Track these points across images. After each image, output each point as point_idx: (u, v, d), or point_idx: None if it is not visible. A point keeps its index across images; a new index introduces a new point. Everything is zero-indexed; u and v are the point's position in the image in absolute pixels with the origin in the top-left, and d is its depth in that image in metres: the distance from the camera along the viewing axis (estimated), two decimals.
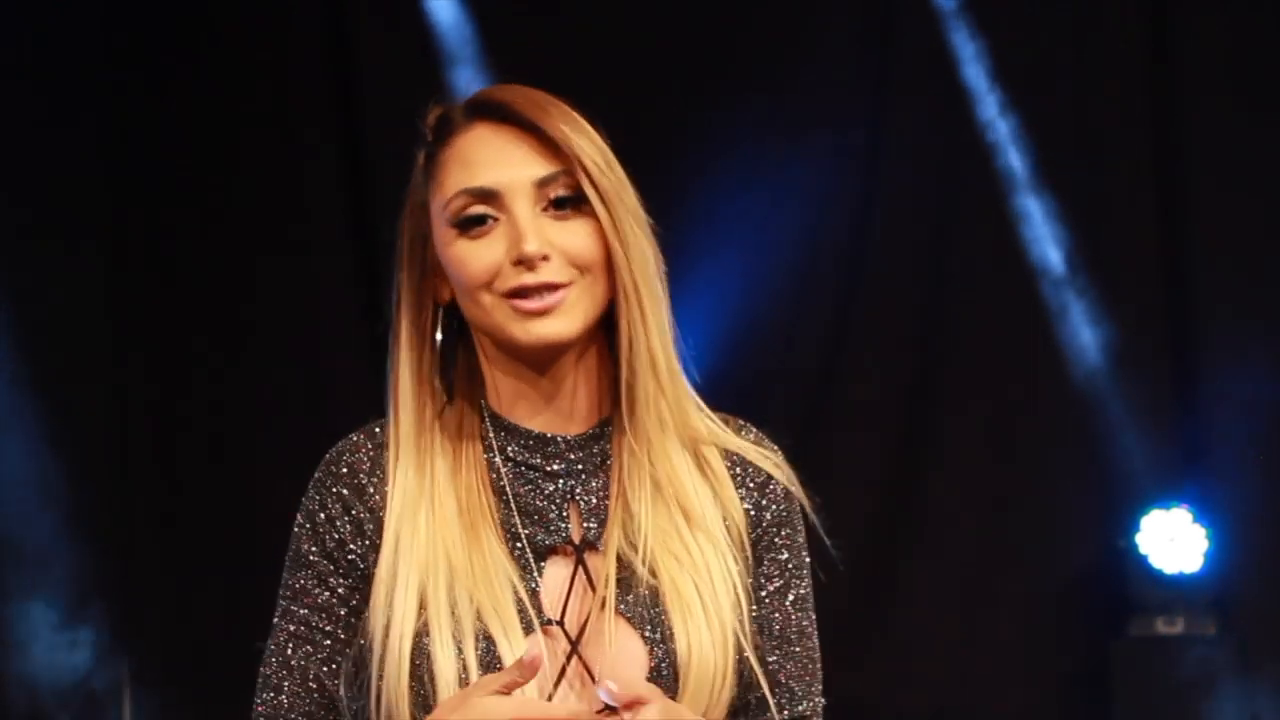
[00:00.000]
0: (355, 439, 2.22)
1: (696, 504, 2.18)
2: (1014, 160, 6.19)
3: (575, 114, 2.18)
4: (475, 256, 2.14)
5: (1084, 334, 6.15)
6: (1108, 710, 5.95)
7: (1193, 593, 5.95)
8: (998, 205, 6.18)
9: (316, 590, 2.18)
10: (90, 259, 6.12)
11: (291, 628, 2.18)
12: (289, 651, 2.18)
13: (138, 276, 6.16)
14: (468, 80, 6.04)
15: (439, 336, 2.21)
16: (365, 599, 2.16)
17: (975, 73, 6.19)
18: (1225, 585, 5.99)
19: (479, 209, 2.15)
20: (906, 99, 6.26)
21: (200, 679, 5.91)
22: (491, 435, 2.20)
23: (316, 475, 2.21)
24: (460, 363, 2.23)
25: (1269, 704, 5.92)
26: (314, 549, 2.18)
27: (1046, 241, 6.18)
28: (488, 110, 2.18)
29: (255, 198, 6.17)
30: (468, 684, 2.08)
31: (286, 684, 2.18)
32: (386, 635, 2.12)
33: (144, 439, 6.16)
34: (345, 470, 2.20)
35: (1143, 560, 5.94)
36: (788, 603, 2.23)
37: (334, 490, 2.19)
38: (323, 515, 2.19)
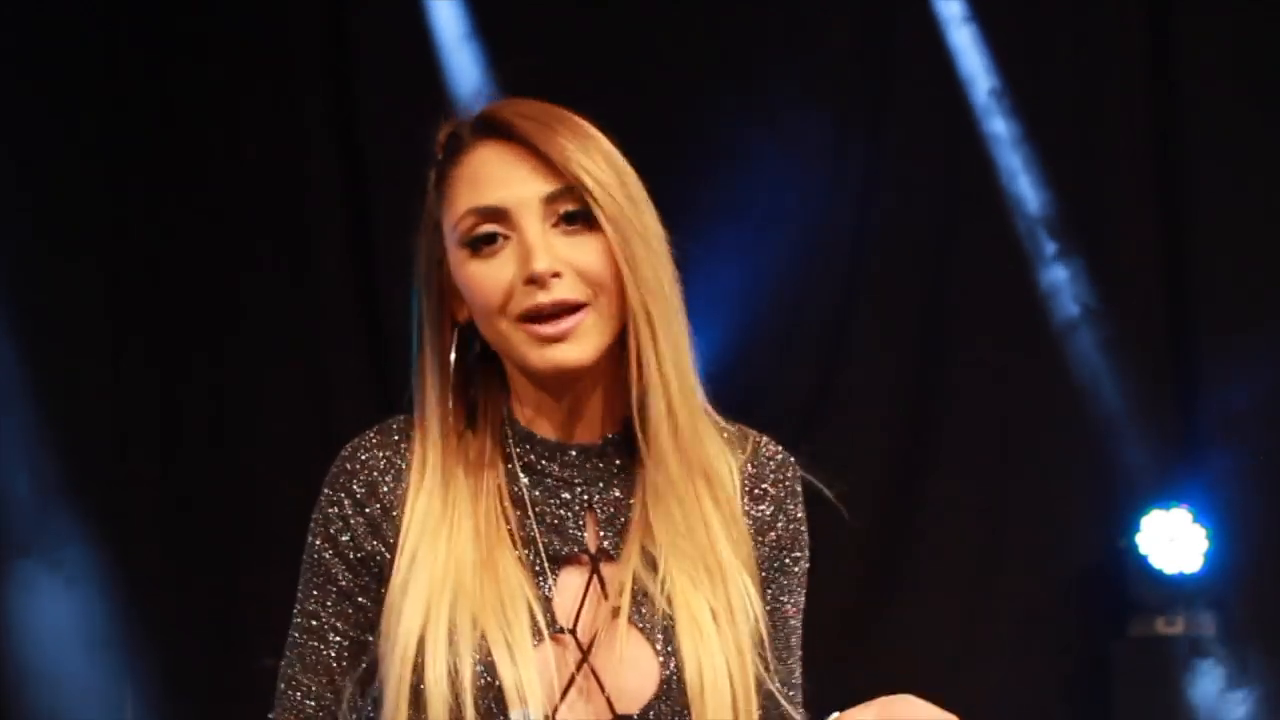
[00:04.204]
0: (371, 436, 2.20)
1: (706, 529, 2.15)
2: (1014, 160, 6.19)
3: (587, 129, 2.14)
4: (487, 277, 2.11)
5: (1084, 334, 6.15)
6: (1108, 710, 5.95)
7: (1193, 593, 5.95)
8: (998, 205, 6.18)
9: (329, 587, 2.16)
10: (90, 258, 6.12)
11: (306, 623, 2.18)
12: (304, 646, 2.17)
13: (137, 275, 6.16)
14: (467, 80, 6.04)
15: (453, 358, 2.17)
16: (379, 597, 2.15)
17: (975, 71, 6.19)
18: (1225, 585, 5.99)
19: (488, 228, 2.11)
20: (907, 98, 6.26)
21: (201, 674, 5.91)
22: (513, 445, 2.18)
23: (331, 471, 2.19)
24: (484, 375, 2.20)
25: (1268, 704, 5.92)
26: (327, 546, 2.17)
27: (1047, 242, 6.18)
28: (494, 128, 2.14)
29: (254, 197, 6.17)
30: (458, 710, 2.07)
31: (301, 679, 2.17)
32: (391, 658, 2.11)
33: (143, 438, 6.16)
34: (359, 467, 2.17)
35: (1143, 560, 5.94)
36: (798, 615, 2.24)
37: (348, 487, 2.17)
38: (334, 511, 2.17)
